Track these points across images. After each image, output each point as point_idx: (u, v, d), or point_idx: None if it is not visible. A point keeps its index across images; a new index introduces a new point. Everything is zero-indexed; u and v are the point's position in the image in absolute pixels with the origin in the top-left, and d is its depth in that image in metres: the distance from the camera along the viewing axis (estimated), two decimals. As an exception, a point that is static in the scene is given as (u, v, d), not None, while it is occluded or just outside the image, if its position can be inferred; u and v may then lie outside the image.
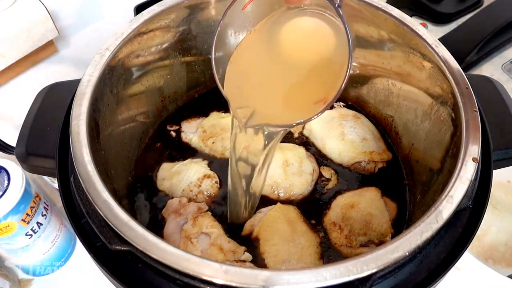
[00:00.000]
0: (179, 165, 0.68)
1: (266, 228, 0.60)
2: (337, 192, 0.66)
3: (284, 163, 0.67)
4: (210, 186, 0.66)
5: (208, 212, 0.62)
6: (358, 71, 0.76)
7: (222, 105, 0.76)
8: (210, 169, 0.68)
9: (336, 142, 0.70)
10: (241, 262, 0.57)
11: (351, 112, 0.75)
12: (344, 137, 0.71)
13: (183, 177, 0.67)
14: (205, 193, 0.65)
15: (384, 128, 0.74)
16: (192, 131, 0.74)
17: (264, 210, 0.62)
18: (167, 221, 0.61)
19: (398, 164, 0.70)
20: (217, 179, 0.67)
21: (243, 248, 0.58)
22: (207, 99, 0.79)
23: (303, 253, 0.58)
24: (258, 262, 0.58)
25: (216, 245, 0.58)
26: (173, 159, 0.70)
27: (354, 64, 0.76)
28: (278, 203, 0.63)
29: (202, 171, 0.67)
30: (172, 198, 0.65)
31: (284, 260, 0.57)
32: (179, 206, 0.63)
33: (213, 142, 0.71)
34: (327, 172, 0.68)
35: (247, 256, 0.57)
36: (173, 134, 0.74)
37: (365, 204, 0.63)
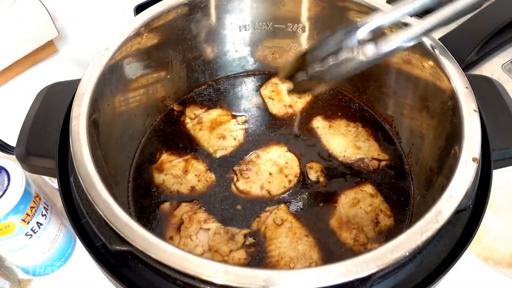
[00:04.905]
0: (177, 161, 0.69)
1: (270, 228, 0.60)
2: (331, 191, 0.66)
3: (270, 163, 0.68)
4: (204, 181, 0.66)
5: (201, 208, 0.63)
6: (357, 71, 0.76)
7: (225, 102, 0.77)
8: (206, 166, 0.68)
9: (341, 138, 0.72)
10: (248, 248, 0.58)
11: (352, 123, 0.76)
12: (348, 134, 0.72)
13: (178, 173, 0.67)
14: (197, 189, 0.66)
15: (384, 128, 0.74)
16: (191, 117, 0.75)
17: (269, 209, 0.63)
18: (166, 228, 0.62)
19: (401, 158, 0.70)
20: (212, 176, 0.67)
21: (242, 231, 0.59)
22: (210, 94, 0.80)
23: (306, 254, 0.58)
24: (265, 260, 0.58)
25: (217, 238, 0.59)
26: (172, 154, 0.71)
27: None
28: (283, 204, 0.63)
29: (198, 168, 0.68)
30: (165, 191, 0.65)
31: (288, 261, 0.58)
32: (171, 209, 0.63)
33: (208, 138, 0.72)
34: (314, 170, 0.68)
35: (250, 240, 0.58)
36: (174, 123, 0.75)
37: (367, 200, 0.63)
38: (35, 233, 0.65)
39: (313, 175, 0.67)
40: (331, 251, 0.59)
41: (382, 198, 0.64)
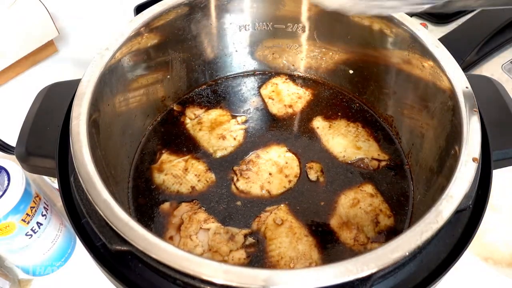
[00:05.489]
0: (177, 161, 0.69)
1: (270, 228, 0.60)
2: (331, 191, 0.66)
3: (270, 163, 0.68)
4: (204, 181, 0.66)
5: (201, 208, 0.63)
6: (357, 71, 0.76)
7: (225, 103, 0.77)
8: (206, 166, 0.68)
9: (341, 138, 0.72)
10: (247, 248, 0.58)
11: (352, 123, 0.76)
12: (348, 134, 0.72)
13: (178, 173, 0.67)
14: (197, 189, 0.66)
15: (384, 128, 0.74)
16: (191, 117, 0.75)
17: (269, 209, 0.63)
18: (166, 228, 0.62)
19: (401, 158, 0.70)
20: (212, 176, 0.67)
21: (242, 231, 0.59)
22: (210, 94, 0.80)
23: (306, 254, 0.58)
24: (264, 260, 0.58)
25: (217, 238, 0.59)
26: (172, 154, 0.71)
27: (353, 64, 0.76)
28: (283, 204, 0.63)
29: (198, 168, 0.68)
30: (165, 191, 0.65)
31: (288, 261, 0.58)
32: (171, 209, 0.63)
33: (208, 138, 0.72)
34: (314, 170, 0.68)
35: (250, 241, 0.59)
36: (175, 121, 0.75)
37: (367, 200, 0.64)
38: (35, 233, 0.65)
39: (313, 175, 0.67)
40: (331, 251, 0.59)
41: (382, 198, 0.64)
